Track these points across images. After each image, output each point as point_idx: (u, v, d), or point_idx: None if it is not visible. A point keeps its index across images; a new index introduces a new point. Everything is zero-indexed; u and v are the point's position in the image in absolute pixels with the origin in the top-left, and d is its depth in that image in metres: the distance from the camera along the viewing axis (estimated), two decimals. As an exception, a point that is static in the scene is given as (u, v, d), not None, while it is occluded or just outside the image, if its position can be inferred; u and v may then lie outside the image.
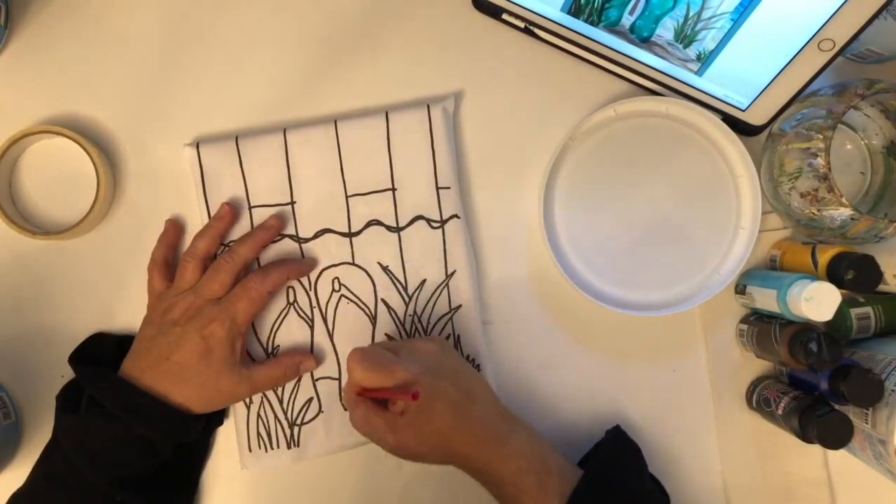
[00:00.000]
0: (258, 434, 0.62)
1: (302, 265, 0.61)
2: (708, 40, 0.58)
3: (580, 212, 0.64)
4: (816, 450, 0.64)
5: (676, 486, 0.63)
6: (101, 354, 0.59)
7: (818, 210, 0.56)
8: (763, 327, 0.61)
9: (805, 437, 0.57)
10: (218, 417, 0.63)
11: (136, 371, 0.56)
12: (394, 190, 0.63)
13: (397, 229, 0.63)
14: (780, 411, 0.59)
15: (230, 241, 0.63)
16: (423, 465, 0.63)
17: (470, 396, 0.54)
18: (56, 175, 0.63)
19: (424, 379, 0.52)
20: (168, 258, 0.61)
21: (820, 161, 0.55)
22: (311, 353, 0.62)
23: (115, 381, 0.56)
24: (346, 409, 0.62)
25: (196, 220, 0.63)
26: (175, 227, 0.63)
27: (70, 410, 0.56)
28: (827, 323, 0.61)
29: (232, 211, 0.61)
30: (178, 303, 0.57)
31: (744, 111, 0.61)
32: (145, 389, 0.55)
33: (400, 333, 0.63)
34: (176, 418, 0.56)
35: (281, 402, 0.62)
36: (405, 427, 0.52)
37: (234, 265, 0.58)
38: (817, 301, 0.55)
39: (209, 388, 0.57)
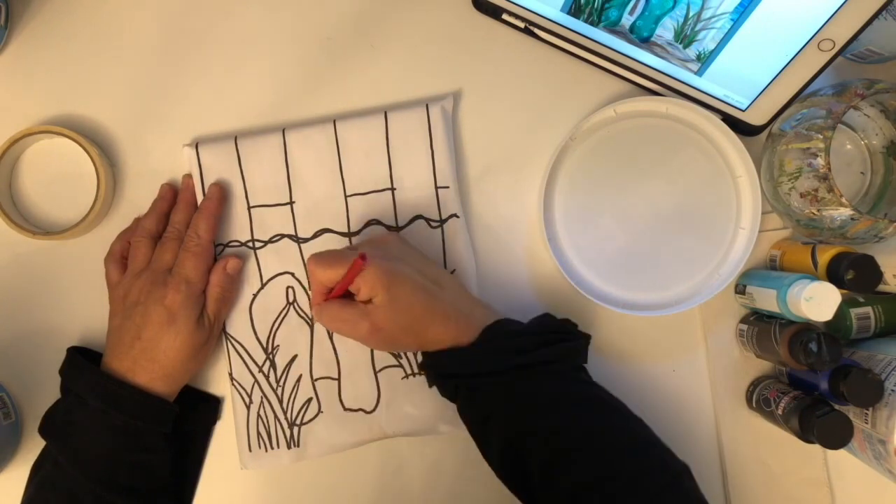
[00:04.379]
0: (258, 434, 0.62)
1: (211, 200, 0.61)
2: (708, 40, 0.57)
3: (580, 212, 0.64)
4: (816, 450, 0.64)
5: (676, 486, 0.63)
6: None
7: (818, 210, 0.56)
8: (763, 327, 0.61)
9: (805, 437, 0.57)
10: (213, 411, 0.63)
11: (115, 363, 0.56)
12: (393, 189, 0.63)
13: (397, 229, 0.63)
14: (780, 411, 0.59)
15: (231, 241, 0.63)
16: (422, 465, 0.63)
17: (437, 283, 0.55)
18: (56, 175, 0.63)
19: (384, 262, 0.53)
20: (125, 252, 0.61)
21: (820, 161, 0.55)
22: (229, 256, 0.61)
23: (92, 372, 0.56)
24: (345, 409, 0.62)
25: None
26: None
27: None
28: (827, 323, 0.61)
29: (173, 190, 0.63)
30: (134, 284, 0.58)
31: (744, 111, 0.61)
32: (120, 377, 0.55)
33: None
34: (153, 401, 0.56)
35: (281, 402, 0.62)
36: (376, 310, 0.53)
37: (177, 234, 0.60)
38: (817, 301, 0.55)
39: (186, 352, 0.57)
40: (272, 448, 0.62)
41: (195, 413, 0.61)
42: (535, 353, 0.53)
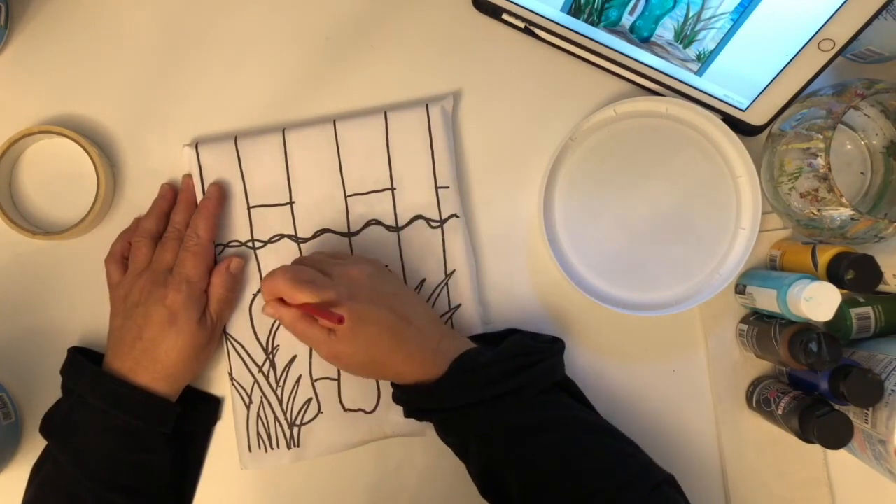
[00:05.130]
0: (258, 434, 0.62)
1: (210, 199, 0.61)
2: (708, 40, 0.57)
3: (580, 212, 0.64)
4: (816, 450, 0.64)
5: (676, 487, 0.63)
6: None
7: (818, 210, 0.56)
8: (763, 327, 0.60)
9: (805, 437, 0.57)
10: (213, 411, 0.63)
11: (116, 363, 0.56)
12: (393, 189, 0.63)
13: (396, 229, 0.63)
14: (780, 411, 0.59)
15: (231, 241, 0.63)
16: (422, 464, 0.63)
17: (405, 319, 0.55)
18: (56, 175, 0.63)
19: (355, 304, 0.53)
20: (125, 252, 0.61)
21: (820, 161, 0.55)
22: (232, 257, 0.62)
23: (93, 373, 0.56)
24: (345, 409, 0.62)
25: (196, 220, 0.63)
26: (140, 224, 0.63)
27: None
28: (827, 323, 0.61)
29: (173, 190, 0.63)
30: (135, 284, 0.58)
31: (744, 111, 0.61)
32: (121, 377, 0.56)
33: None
34: (154, 402, 0.56)
35: (281, 402, 0.62)
36: (338, 343, 0.53)
37: (177, 234, 0.60)
38: (817, 301, 0.55)
39: (187, 352, 0.57)
40: (272, 448, 0.62)
41: (195, 413, 0.61)
42: (503, 383, 0.53)
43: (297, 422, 0.62)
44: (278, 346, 0.63)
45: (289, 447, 0.62)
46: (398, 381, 0.56)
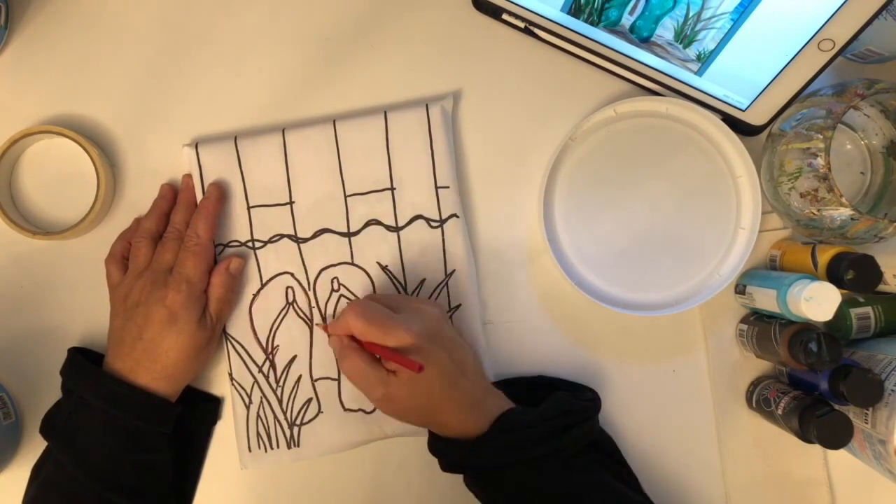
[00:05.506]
0: (258, 434, 0.62)
1: (210, 199, 0.61)
2: (708, 40, 0.57)
3: (580, 212, 0.64)
4: (816, 450, 0.64)
5: (676, 487, 0.63)
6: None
7: (818, 210, 0.56)
8: (763, 327, 0.60)
9: (805, 437, 0.57)
10: (213, 411, 0.63)
11: (117, 363, 0.56)
12: (392, 189, 0.63)
13: (396, 229, 0.63)
14: (780, 411, 0.59)
15: (231, 241, 0.63)
16: (422, 464, 0.63)
17: (461, 368, 0.55)
18: (56, 175, 0.64)
19: (423, 343, 0.53)
20: (125, 253, 0.61)
21: (820, 161, 0.55)
22: (231, 256, 0.62)
23: (93, 373, 0.56)
24: (345, 409, 0.62)
25: (196, 220, 0.63)
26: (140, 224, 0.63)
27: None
28: (827, 323, 0.61)
29: (173, 190, 0.63)
30: (135, 284, 0.58)
31: (744, 111, 0.61)
32: (122, 378, 0.56)
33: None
34: (154, 402, 0.56)
35: (280, 402, 0.62)
36: (397, 385, 0.53)
37: (177, 234, 0.60)
38: (817, 301, 0.55)
39: (187, 352, 0.57)
40: (272, 448, 0.62)
41: (195, 413, 0.61)
42: (541, 446, 0.53)
43: (297, 422, 0.62)
44: (278, 346, 0.63)
45: (289, 447, 0.62)
46: (442, 433, 0.55)
